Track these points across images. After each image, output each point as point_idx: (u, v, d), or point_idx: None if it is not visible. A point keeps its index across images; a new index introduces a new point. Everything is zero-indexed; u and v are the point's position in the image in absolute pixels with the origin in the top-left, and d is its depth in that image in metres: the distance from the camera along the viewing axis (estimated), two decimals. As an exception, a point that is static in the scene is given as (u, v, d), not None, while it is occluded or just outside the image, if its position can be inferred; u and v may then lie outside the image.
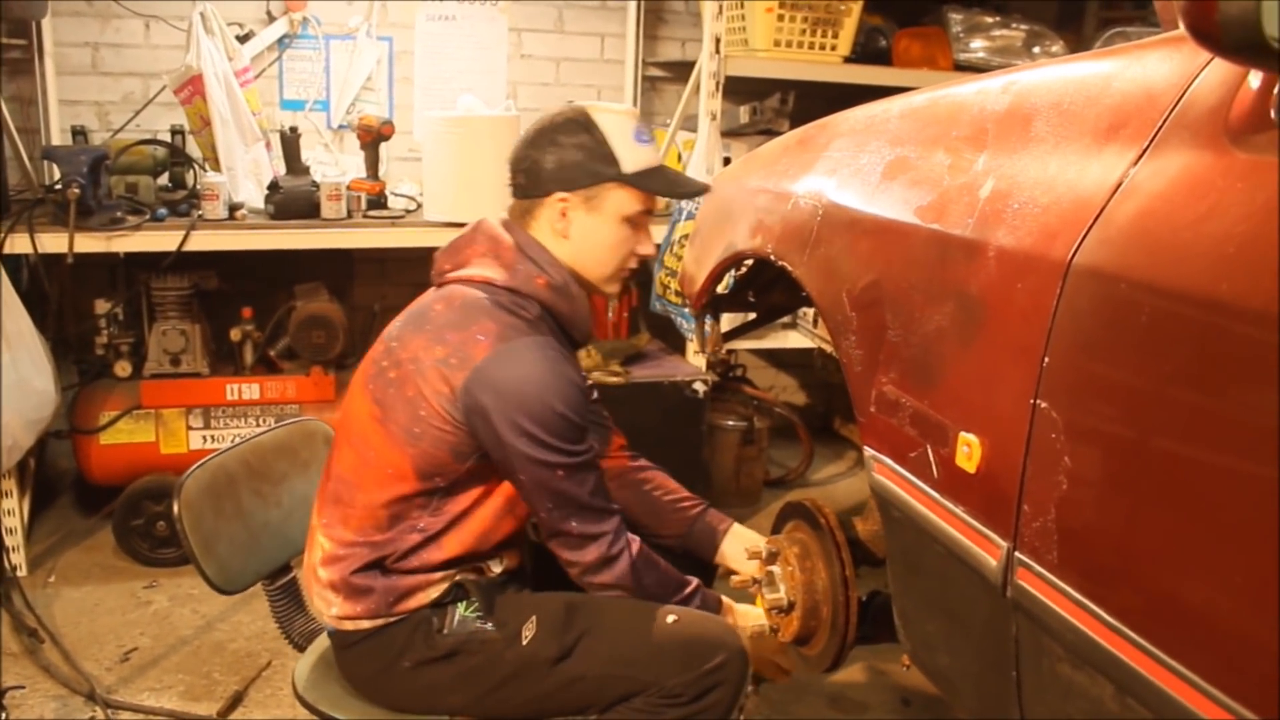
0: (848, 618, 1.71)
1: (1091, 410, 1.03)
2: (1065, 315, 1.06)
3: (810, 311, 2.72)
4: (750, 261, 2.11)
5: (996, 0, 4.27)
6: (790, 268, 1.67)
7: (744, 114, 3.90)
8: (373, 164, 3.65)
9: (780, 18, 3.58)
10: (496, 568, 1.83)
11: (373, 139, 3.63)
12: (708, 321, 2.24)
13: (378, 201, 3.57)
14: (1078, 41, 4.24)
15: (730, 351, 4.05)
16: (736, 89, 3.66)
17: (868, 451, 1.43)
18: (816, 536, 1.78)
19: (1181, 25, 0.89)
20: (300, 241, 3.33)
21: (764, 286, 2.24)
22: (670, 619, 1.72)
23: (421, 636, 1.76)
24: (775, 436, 4.20)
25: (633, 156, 1.75)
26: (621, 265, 1.83)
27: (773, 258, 1.75)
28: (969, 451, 1.19)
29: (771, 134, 3.83)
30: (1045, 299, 1.09)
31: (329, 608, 1.80)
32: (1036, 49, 3.93)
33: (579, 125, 1.75)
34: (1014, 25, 3.96)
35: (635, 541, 1.77)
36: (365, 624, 1.77)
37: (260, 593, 2.03)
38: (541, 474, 1.66)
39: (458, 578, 1.78)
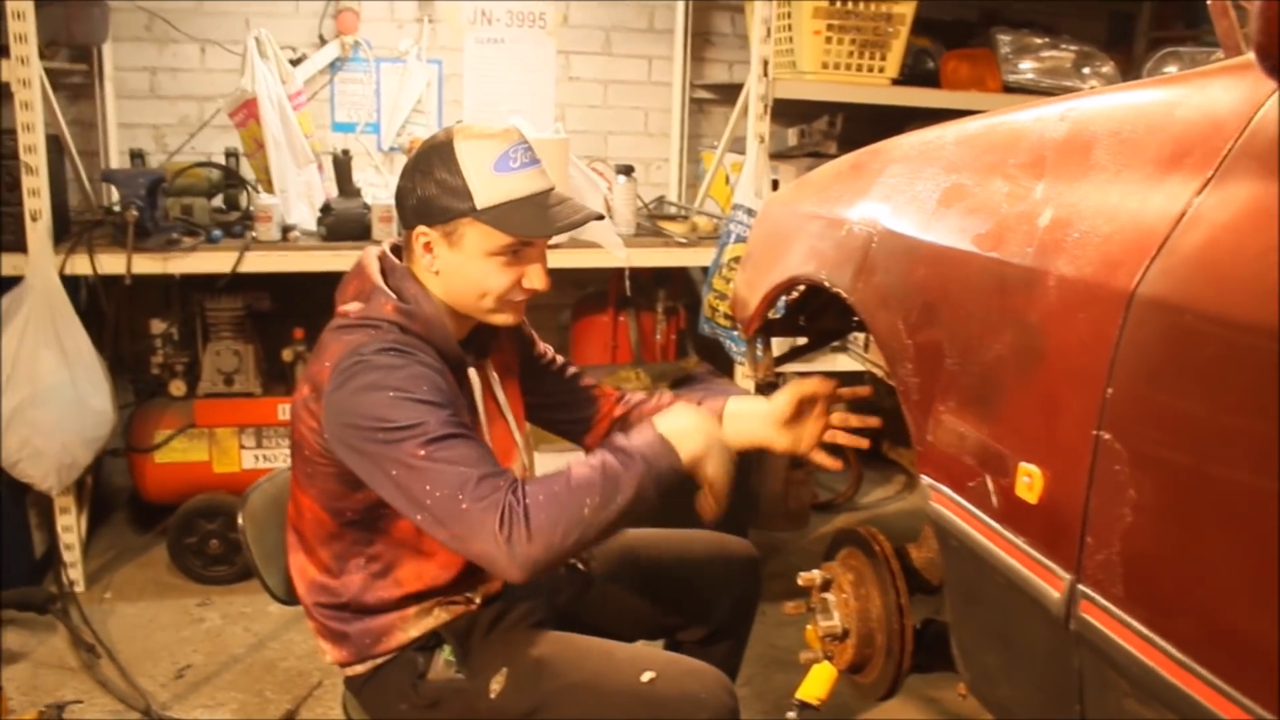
0: (903, 646, 1.70)
1: (1157, 441, 1.02)
2: (1129, 346, 1.05)
3: (861, 336, 2.71)
4: (802, 286, 2.11)
5: (1045, 21, 4.25)
6: (845, 294, 1.67)
7: (792, 136, 3.90)
8: (423, 186, 3.68)
9: (828, 40, 3.59)
10: (477, 599, 1.79)
11: (423, 161, 3.66)
12: (759, 346, 2.24)
13: (428, 223, 3.60)
14: (1127, 62, 4.22)
15: (779, 375, 4.04)
16: (784, 111, 3.67)
17: (925, 480, 1.42)
18: (871, 564, 1.77)
19: (1250, 54, 0.88)
20: (352, 263, 3.35)
21: (815, 311, 2.23)
22: (646, 677, 1.64)
23: (409, 682, 1.75)
24: (822, 459, 4.18)
25: (489, 190, 1.62)
26: (502, 300, 1.70)
27: (827, 284, 1.74)
28: (1030, 482, 1.18)
29: (819, 156, 3.84)
30: (1108, 329, 1.08)
31: (324, 655, 1.82)
32: (1086, 70, 3.90)
33: (439, 155, 1.65)
34: (1063, 46, 3.94)
35: (526, 486, 1.53)
36: (359, 668, 1.78)
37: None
38: (404, 459, 1.52)
39: (435, 612, 1.76)
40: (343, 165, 3.56)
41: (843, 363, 3.56)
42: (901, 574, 1.72)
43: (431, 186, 1.64)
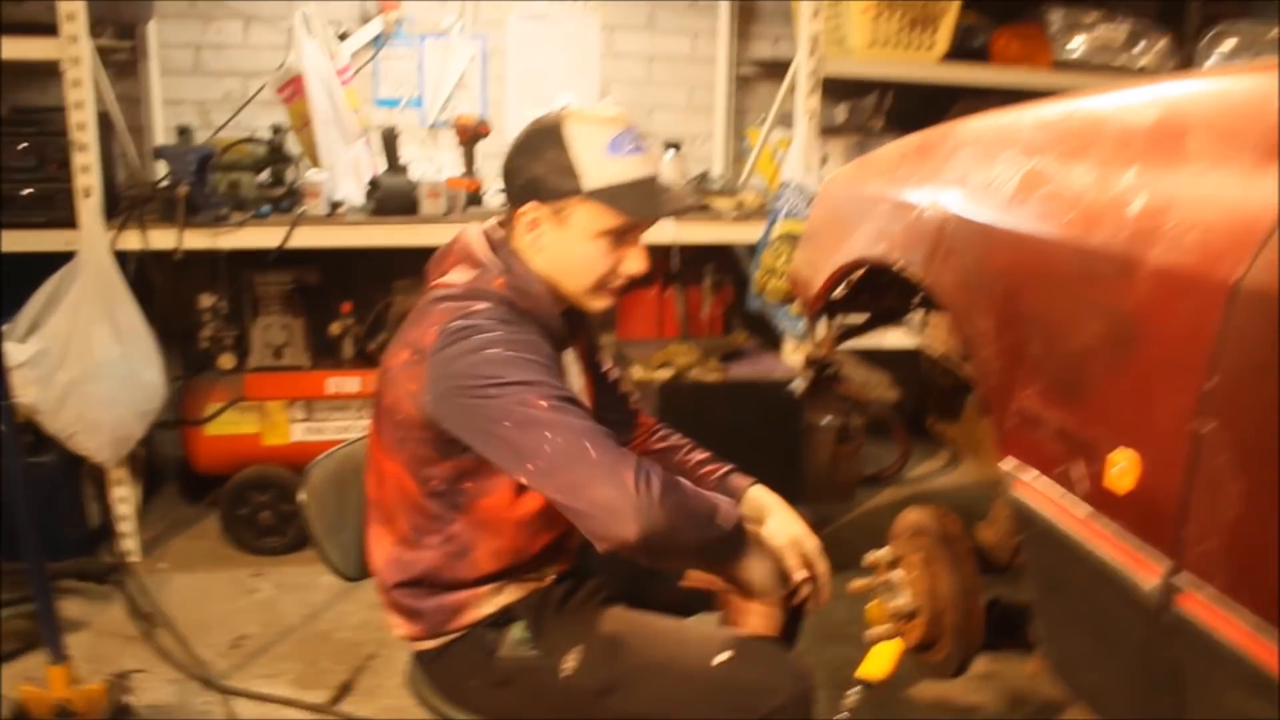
0: (973, 625, 1.71)
1: (1265, 432, 1.01)
2: (1233, 337, 1.05)
3: (919, 314, 2.70)
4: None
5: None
6: (918, 278, 1.66)
7: (840, 113, 3.88)
8: (469, 161, 3.70)
9: (877, 16, 3.56)
10: (550, 575, 1.81)
11: (470, 137, 3.67)
12: (820, 325, 2.24)
13: (475, 198, 3.61)
14: (1180, 37, 4.16)
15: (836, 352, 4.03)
16: (832, 88, 3.65)
17: (1006, 465, 1.42)
18: (940, 542, 1.78)
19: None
20: (401, 238, 3.38)
21: (877, 291, 2.23)
22: (720, 659, 1.66)
23: (481, 657, 1.76)
24: (870, 434, 4.17)
25: (601, 171, 1.65)
26: (601, 282, 1.72)
27: (897, 266, 1.74)
28: (1121, 469, 1.18)
29: (868, 132, 3.81)
30: (1209, 319, 1.07)
31: (395, 629, 1.83)
32: (1139, 46, 3.86)
33: (549, 135, 1.67)
34: (1115, 21, 3.89)
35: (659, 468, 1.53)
36: (430, 643, 1.79)
37: (363, 584, 2.05)
38: (520, 411, 1.51)
39: (508, 589, 1.77)
40: (390, 141, 3.56)
41: (892, 338, 3.54)
42: (972, 554, 1.73)
43: (541, 165, 1.66)
